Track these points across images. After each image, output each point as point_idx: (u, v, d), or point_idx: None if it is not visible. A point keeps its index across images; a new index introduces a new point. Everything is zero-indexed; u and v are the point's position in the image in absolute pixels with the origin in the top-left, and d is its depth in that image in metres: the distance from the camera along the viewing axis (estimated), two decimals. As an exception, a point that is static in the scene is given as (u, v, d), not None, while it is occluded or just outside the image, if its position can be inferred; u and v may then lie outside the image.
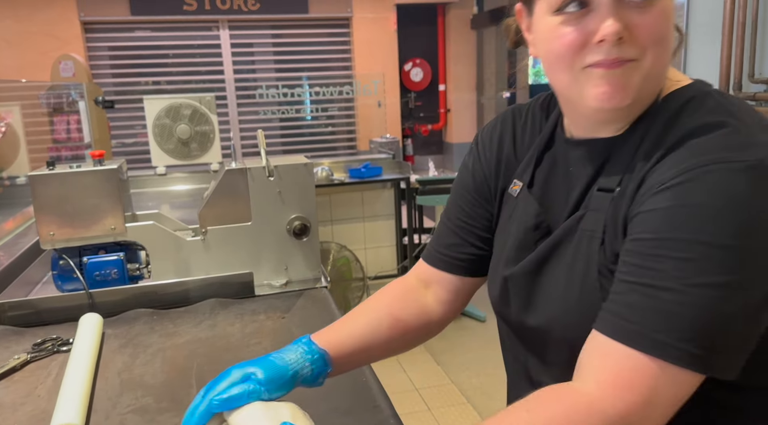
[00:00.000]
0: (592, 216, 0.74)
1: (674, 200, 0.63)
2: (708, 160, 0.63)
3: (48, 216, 1.56)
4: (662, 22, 0.68)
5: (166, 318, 1.50)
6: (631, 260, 0.66)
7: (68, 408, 1.03)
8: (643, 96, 0.72)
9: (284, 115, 5.86)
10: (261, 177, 1.67)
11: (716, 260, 0.61)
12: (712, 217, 0.61)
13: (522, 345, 0.88)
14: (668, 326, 0.61)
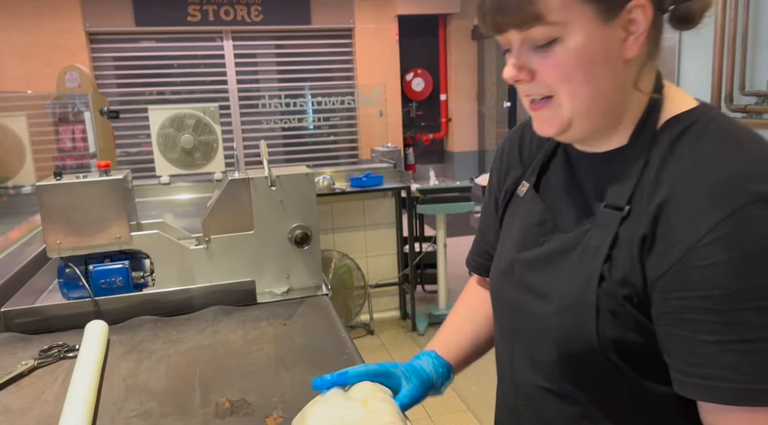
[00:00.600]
0: (599, 232, 0.76)
1: (732, 251, 0.65)
2: (744, 201, 0.65)
3: (55, 226, 1.59)
4: (566, 62, 0.71)
5: (170, 325, 1.53)
6: (706, 318, 0.67)
7: (75, 412, 1.06)
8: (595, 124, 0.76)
9: (287, 125, 5.90)
10: (263, 186, 1.70)
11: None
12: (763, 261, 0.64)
13: (515, 341, 0.90)
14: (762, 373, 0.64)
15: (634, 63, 0.74)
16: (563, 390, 0.82)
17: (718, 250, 0.65)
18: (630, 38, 0.71)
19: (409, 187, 3.93)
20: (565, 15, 0.69)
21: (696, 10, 0.75)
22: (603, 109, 0.75)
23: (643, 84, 0.76)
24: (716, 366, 0.66)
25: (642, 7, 0.70)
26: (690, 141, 0.72)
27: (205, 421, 1.08)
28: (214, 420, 1.08)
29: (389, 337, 3.98)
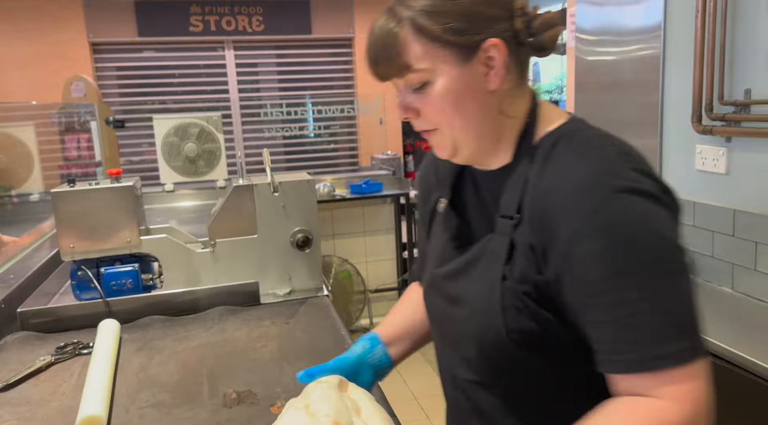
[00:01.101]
0: (498, 239, 0.86)
1: (602, 238, 0.74)
2: (603, 196, 0.75)
3: (68, 230, 1.67)
4: (438, 100, 0.82)
5: (178, 324, 1.60)
6: (596, 301, 0.75)
7: (93, 402, 1.13)
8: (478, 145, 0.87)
9: (288, 133, 5.97)
10: (266, 192, 1.78)
11: (657, 271, 0.73)
12: (636, 241, 0.73)
13: (444, 341, 1.00)
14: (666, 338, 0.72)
15: (501, 92, 0.84)
16: (488, 381, 0.91)
17: (592, 240, 0.74)
18: (491, 73, 0.82)
19: (408, 194, 4.01)
20: (429, 61, 0.80)
21: (548, 40, 0.85)
22: (479, 134, 0.85)
23: (515, 108, 0.87)
24: (612, 341, 0.75)
25: (496, 46, 0.80)
26: (560, 150, 0.82)
27: (214, 410, 1.15)
28: (222, 409, 1.15)
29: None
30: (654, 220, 0.75)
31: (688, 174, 2.15)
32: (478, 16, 0.80)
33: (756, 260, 1.88)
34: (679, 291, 0.74)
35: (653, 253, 0.73)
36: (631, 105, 2.40)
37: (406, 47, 0.81)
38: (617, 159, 0.78)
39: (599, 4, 2.53)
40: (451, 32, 0.79)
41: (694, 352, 0.73)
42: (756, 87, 1.83)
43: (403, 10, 0.81)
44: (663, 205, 0.76)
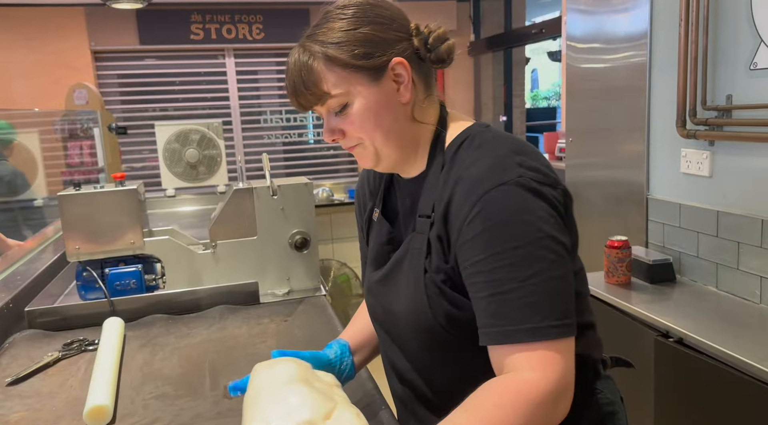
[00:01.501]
0: (418, 237, 0.95)
1: (482, 225, 0.83)
2: (487, 188, 0.84)
3: (74, 232, 1.73)
4: (359, 120, 0.92)
5: (180, 323, 1.66)
6: (477, 280, 0.85)
7: (100, 392, 1.18)
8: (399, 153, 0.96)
9: (287, 139, 6.03)
10: (266, 196, 1.84)
11: (525, 258, 0.81)
12: (510, 228, 0.82)
13: (388, 339, 1.07)
14: (534, 315, 0.80)
15: (412, 103, 0.94)
16: (429, 368, 0.99)
17: (474, 226, 0.84)
18: (401, 87, 0.92)
19: (406, 199, 4.07)
20: (345, 86, 0.90)
21: (443, 53, 0.95)
22: (398, 143, 0.95)
23: (426, 116, 0.97)
24: (487, 316, 0.83)
25: (401, 64, 0.91)
26: (463, 151, 0.93)
27: (215, 401, 1.21)
28: (223, 400, 1.21)
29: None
30: (527, 210, 0.83)
31: (673, 177, 2.21)
32: (380, 40, 0.90)
33: (738, 259, 1.94)
34: (545, 274, 0.81)
35: (523, 239, 0.82)
36: (620, 111, 2.46)
37: (321, 77, 0.90)
38: (507, 156, 0.88)
39: (589, 12, 2.59)
40: (359, 57, 0.89)
41: (557, 330, 0.80)
42: (737, 93, 1.89)
43: (313, 45, 0.91)
44: (541, 197, 0.84)
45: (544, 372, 0.79)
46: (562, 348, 0.80)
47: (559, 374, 0.79)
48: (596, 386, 1.03)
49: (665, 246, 2.25)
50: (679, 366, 1.77)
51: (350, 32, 0.90)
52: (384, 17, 0.92)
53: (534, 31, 5.30)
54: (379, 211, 1.08)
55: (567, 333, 0.81)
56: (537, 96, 12.42)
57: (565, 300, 0.83)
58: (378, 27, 0.91)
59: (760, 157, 1.86)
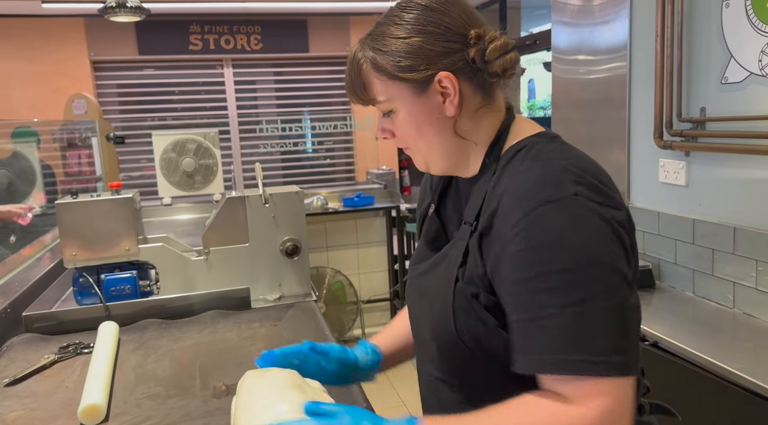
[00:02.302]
0: (458, 243, 0.92)
1: (526, 243, 0.78)
2: (535, 204, 0.79)
3: (71, 239, 1.78)
4: (402, 126, 0.93)
5: (174, 327, 1.71)
6: (513, 301, 0.81)
7: (94, 392, 1.24)
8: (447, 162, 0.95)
9: (285, 149, 6.09)
10: (258, 204, 1.90)
11: (572, 281, 0.76)
12: (556, 249, 0.77)
13: (417, 340, 1.06)
14: (562, 346, 0.75)
15: (463, 116, 0.91)
16: (449, 379, 0.96)
17: (516, 244, 0.79)
18: (446, 101, 0.89)
19: (399, 207, 4.13)
20: (389, 95, 0.91)
21: (499, 67, 0.89)
22: (444, 153, 0.94)
23: (479, 127, 0.93)
24: (519, 340, 0.80)
25: (447, 78, 0.88)
26: (517, 161, 0.88)
27: (204, 401, 1.26)
28: (212, 400, 1.27)
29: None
30: (578, 231, 0.77)
31: (652, 186, 2.28)
32: (428, 52, 0.87)
33: (713, 266, 2.00)
34: (588, 303, 0.75)
35: (568, 262, 0.76)
36: (602, 122, 2.53)
37: (369, 82, 0.92)
38: (561, 171, 0.82)
39: (573, 25, 2.67)
40: (403, 70, 0.88)
41: (596, 366, 0.74)
42: (710, 105, 1.97)
43: (365, 49, 0.92)
44: (598, 218, 0.78)
45: (586, 406, 0.74)
46: (608, 387, 0.75)
47: (605, 409, 0.74)
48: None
49: (645, 253, 2.31)
50: (654, 369, 1.82)
51: (401, 41, 0.88)
52: (440, 26, 0.88)
53: (528, 42, 5.38)
54: (434, 207, 1.06)
55: (609, 372, 0.74)
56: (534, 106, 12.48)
57: (611, 335, 0.75)
58: (429, 38, 0.87)
59: (732, 168, 1.93)
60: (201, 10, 5.52)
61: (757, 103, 1.82)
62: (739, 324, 1.88)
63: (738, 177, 1.91)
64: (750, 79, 1.84)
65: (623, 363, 0.75)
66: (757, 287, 1.86)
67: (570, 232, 0.77)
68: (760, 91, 1.81)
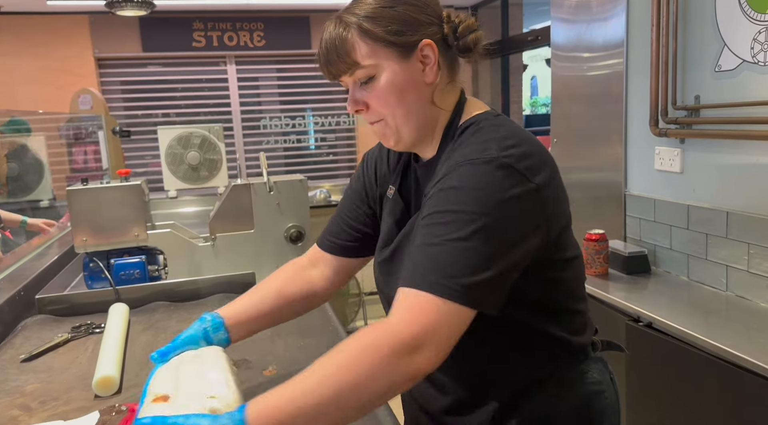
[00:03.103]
0: (418, 218, 0.96)
1: (440, 186, 0.89)
2: (461, 161, 0.89)
3: (82, 225, 1.84)
4: (383, 92, 0.96)
5: (182, 309, 1.76)
6: (420, 231, 0.89)
7: (107, 365, 1.29)
8: (417, 133, 1.01)
9: (288, 145, 6.14)
10: (262, 191, 1.95)
11: (463, 221, 0.84)
12: (460, 194, 0.86)
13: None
14: (437, 270, 0.82)
15: (435, 85, 0.98)
16: None
17: (435, 189, 0.89)
18: (426, 68, 0.96)
19: (401, 200, 4.17)
20: (374, 59, 0.95)
21: (471, 42, 0.98)
22: (418, 122, 1.00)
23: (445, 101, 1.01)
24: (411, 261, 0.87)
25: (429, 46, 0.95)
26: (465, 136, 0.97)
27: (212, 374, 1.31)
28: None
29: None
30: (486, 183, 0.85)
31: (648, 173, 2.32)
32: (413, 20, 0.95)
33: (707, 250, 2.05)
34: (472, 240, 0.82)
35: (469, 205, 0.84)
36: (600, 117, 2.57)
37: (354, 47, 0.95)
38: (496, 140, 0.90)
39: (571, 21, 2.71)
40: (391, 34, 0.94)
41: (446, 289, 0.81)
42: (704, 93, 2.01)
43: (349, 17, 0.96)
44: (510, 176, 0.86)
45: (408, 318, 0.80)
46: (445, 309, 0.81)
47: (425, 326, 0.80)
48: (583, 366, 1.04)
49: (642, 239, 2.36)
50: (649, 349, 1.87)
51: (386, 9, 0.94)
52: (420, 1, 0.96)
53: (530, 38, 5.42)
54: (396, 189, 1.11)
55: (446, 294, 0.81)
56: (536, 102, 12.50)
57: (468, 270, 0.82)
58: (412, 8, 0.95)
59: (725, 153, 1.98)
60: (204, 7, 5.57)
61: (750, 90, 1.87)
62: (732, 306, 1.92)
63: (731, 162, 1.96)
64: (743, 66, 1.88)
65: (459, 292, 0.81)
66: (749, 270, 1.90)
67: (477, 181, 0.85)
68: (753, 77, 1.85)
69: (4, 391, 1.27)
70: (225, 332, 1.18)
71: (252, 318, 1.22)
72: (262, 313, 1.22)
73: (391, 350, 0.79)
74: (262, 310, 1.22)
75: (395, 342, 0.79)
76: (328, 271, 1.27)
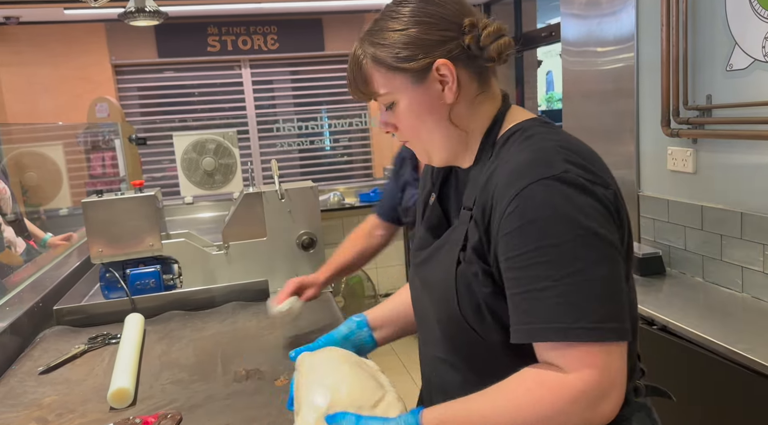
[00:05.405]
0: (458, 228, 0.95)
1: (520, 220, 0.81)
2: (528, 182, 0.82)
3: (98, 236, 1.87)
4: (404, 117, 0.96)
5: (196, 318, 1.79)
6: (511, 276, 0.83)
7: (122, 378, 1.31)
8: (447, 152, 0.98)
9: (303, 147, 6.17)
10: (274, 199, 1.97)
11: (567, 253, 0.78)
12: (550, 223, 0.80)
13: (419, 322, 1.10)
14: (561, 315, 0.78)
15: (461, 103, 0.94)
16: (451, 359, 0.99)
17: (512, 220, 0.82)
18: (445, 88, 0.92)
19: (416, 202, 4.17)
20: (391, 87, 0.94)
21: (494, 51, 0.92)
22: (445, 142, 0.97)
23: (478, 112, 0.96)
24: (518, 313, 0.82)
25: (445, 65, 0.91)
26: (511, 144, 0.92)
27: (225, 384, 1.33)
28: (233, 384, 1.34)
29: (398, 342, 4.19)
30: (570, 206, 0.80)
31: (661, 174, 2.30)
32: (424, 41, 0.91)
33: (722, 251, 2.03)
34: (584, 274, 0.78)
35: (563, 236, 0.79)
36: (612, 113, 2.55)
37: (371, 77, 0.95)
38: (552, 150, 0.85)
39: (581, 16, 2.69)
40: (402, 60, 0.91)
41: (592, 333, 0.77)
42: (715, 92, 1.99)
43: (365, 44, 0.95)
44: (588, 194, 0.81)
45: (580, 372, 0.77)
46: (604, 352, 0.77)
47: (598, 376, 0.76)
48: (624, 413, 0.94)
49: (656, 240, 2.34)
50: (663, 352, 1.86)
51: (398, 33, 0.91)
52: (434, 16, 0.92)
53: (544, 34, 5.39)
54: (435, 196, 1.08)
55: (606, 337, 0.77)
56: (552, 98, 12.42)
57: (606, 303, 0.78)
58: (425, 28, 0.91)
59: (738, 154, 1.96)
60: (218, 12, 5.61)
61: (762, 89, 1.84)
62: (748, 307, 1.90)
63: (745, 162, 1.94)
64: (754, 65, 1.86)
65: (616, 330, 0.78)
66: (765, 271, 1.88)
67: (562, 207, 0.80)
68: (765, 77, 1.83)
69: (23, 404, 1.30)
70: (368, 331, 1.22)
71: (392, 320, 1.25)
72: (403, 318, 1.24)
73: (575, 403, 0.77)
74: (402, 315, 1.24)
75: (577, 395, 0.77)
76: None
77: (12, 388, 1.39)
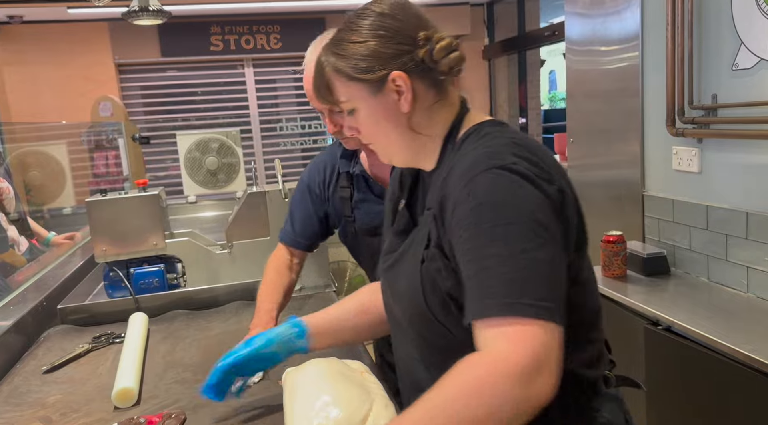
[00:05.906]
0: (422, 228, 0.99)
1: (470, 204, 0.85)
2: (479, 170, 0.87)
3: (101, 235, 1.87)
4: (362, 124, 1.01)
5: (200, 317, 1.79)
6: (464, 259, 0.85)
7: (126, 377, 1.31)
8: (405, 156, 1.03)
9: (305, 146, 6.17)
10: (277, 198, 1.96)
11: (514, 234, 0.82)
12: (498, 207, 0.84)
13: (392, 323, 1.12)
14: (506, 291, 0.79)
15: (418, 111, 0.98)
16: (424, 358, 1.02)
17: (463, 205, 0.86)
18: (401, 98, 0.96)
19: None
20: (350, 95, 0.98)
21: (446, 65, 0.97)
22: (403, 147, 1.02)
23: (435, 120, 1.00)
24: (471, 294, 0.83)
25: (400, 77, 0.95)
26: (467, 144, 0.96)
27: (229, 384, 1.33)
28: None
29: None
30: (515, 193, 0.84)
31: (666, 174, 2.29)
32: (381, 54, 0.95)
33: (727, 251, 2.02)
34: (529, 254, 0.80)
35: (510, 218, 0.82)
36: (616, 112, 2.55)
37: (331, 85, 1.00)
38: (503, 145, 0.90)
39: (586, 15, 2.68)
40: (360, 71, 0.96)
41: (533, 309, 0.78)
42: (721, 92, 1.98)
43: (328, 54, 1.00)
44: (534, 185, 0.85)
45: (515, 346, 0.76)
46: (541, 328, 0.78)
47: (533, 349, 0.76)
48: (593, 404, 0.98)
49: (661, 240, 2.33)
50: (668, 352, 1.85)
51: (357, 44, 0.96)
52: (391, 30, 0.96)
53: (547, 33, 5.39)
54: (404, 202, 1.11)
55: (543, 315, 0.78)
56: (555, 97, 12.41)
57: (547, 284, 0.81)
58: (382, 41, 0.95)
59: (744, 153, 1.95)
60: (221, 11, 5.61)
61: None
62: (753, 308, 1.90)
63: (750, 162, 1.93)
64: (760, 64, 1.85)
65: (553, 310, 0.79)
66: (770, 271, 1.88)
67: (510, 192, 0.84)
68: (771, 76, 1.83)
69: (27, 403, 1.30)
70: (306, 341, 1.22)
71: (332, 329, 1.25)
72: (343, 326, 1.26)
73: (512, 378, 0.75)
74: (342, 323, 1.26)
75: (512, 369, 0.75)
76: None
77: (16, 387, 1.39)
